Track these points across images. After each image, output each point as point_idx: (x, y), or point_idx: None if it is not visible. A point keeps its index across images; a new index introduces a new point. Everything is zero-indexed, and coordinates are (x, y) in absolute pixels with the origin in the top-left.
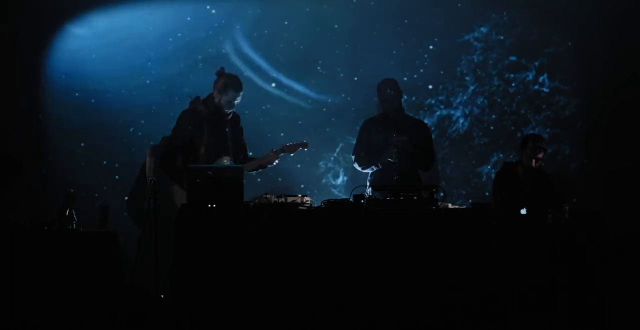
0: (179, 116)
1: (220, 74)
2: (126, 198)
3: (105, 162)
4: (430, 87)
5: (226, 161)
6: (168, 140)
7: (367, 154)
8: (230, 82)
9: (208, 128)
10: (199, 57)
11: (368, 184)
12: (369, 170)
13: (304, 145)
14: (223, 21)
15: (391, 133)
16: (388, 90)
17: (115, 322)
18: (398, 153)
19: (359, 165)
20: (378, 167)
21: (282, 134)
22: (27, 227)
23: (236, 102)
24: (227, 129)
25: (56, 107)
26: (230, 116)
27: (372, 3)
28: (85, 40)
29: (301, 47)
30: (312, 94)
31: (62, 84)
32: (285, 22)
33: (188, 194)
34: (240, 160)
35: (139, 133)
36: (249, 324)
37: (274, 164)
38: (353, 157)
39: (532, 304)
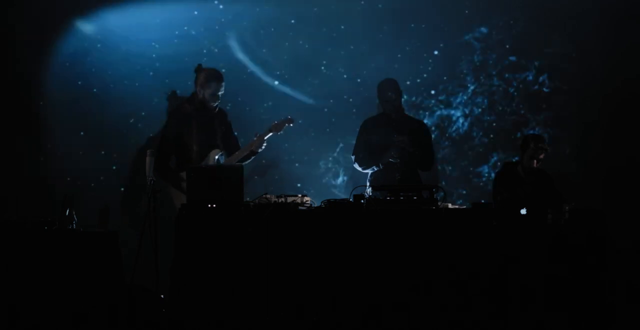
0: (167, 118)
1: (199, 69)
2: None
3: (103, 152)
4: (430, 88)
5: (217, 156)
6: (160, 143)
7: (368, 155)
8: (210, 74)
9: (196, 125)
10: (204, 51)
11: (368, 184)
12: (369, 171)
13: (290, 121)
14: (230, 17)
15: (391, 133)
16: (388, 91)
17: (115, 322)
18: (399, 153)
19: (360, 166)
20: (379, 167)
21: (281, 133)
22: (27, 227)
23: (220, 93)
24: (215, 124)
25: (58, 95)
26: (217, 111)
27: (379, 5)
28: (90, 31)
29: (306, 46)
30: (314, 93)
31: (65, 72)
32: (292, 21)
33: (188, 194)
34: (235, 151)
35: (139, 125)
36: (248, 323)
37: (263, 147)
38: (353, 157)
39: (533, 304)
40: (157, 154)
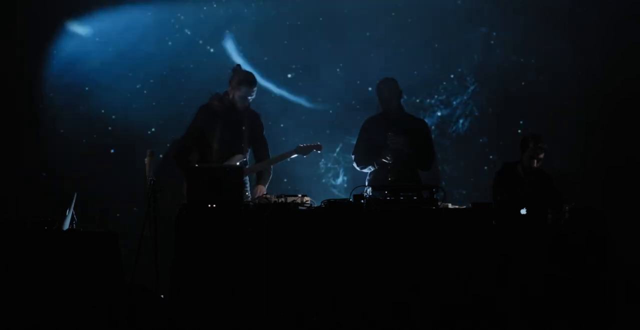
0: (196, 112)
1: (235, 70)
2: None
3: (103, 153)
4: (430, 88)
5: (238, 162)
6: (184, 136)
7: (365, 154)
8: (243, 77)
9: (222, 124)
10: (208, 52)
11: (367, 183)
12: (366, 170)
13: (319, 147)
14: (228, 18)
15: (390, 133)
16: (387, 91)
17: (115, 322)
18: (393, 153)
19: (357, 165)
20: (375, 167)
21: (283, 138)
22: (27, 227)
23: (250, 97)
24: (243, 126)
25: (58, 95)
26: (247, 113)
27: (379, 5)
28: (87, 32)
29: (306, 46)
30: (313, 93)
31: (65, 72)
32: (293, 22)
33: (188, 194)
34: (262, 155)
35: (140, 125)
36: (248, 324)
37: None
38: (353, 156)
39: (532, 304)
40: (155, 152)
